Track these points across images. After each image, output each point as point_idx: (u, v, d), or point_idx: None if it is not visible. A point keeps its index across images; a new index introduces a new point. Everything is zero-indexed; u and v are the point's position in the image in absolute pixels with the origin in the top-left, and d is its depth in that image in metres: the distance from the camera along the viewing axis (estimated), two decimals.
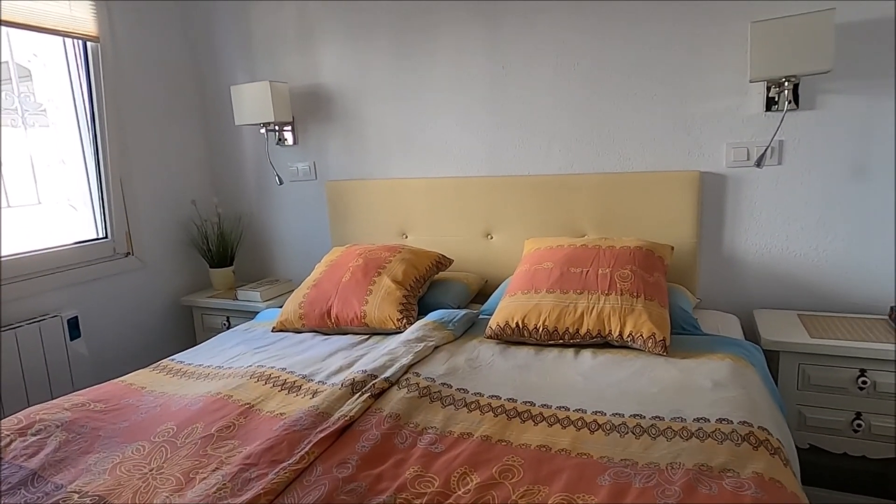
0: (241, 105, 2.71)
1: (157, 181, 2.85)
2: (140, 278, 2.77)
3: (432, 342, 1.84)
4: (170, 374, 1.87)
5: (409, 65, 2.57)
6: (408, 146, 2.67)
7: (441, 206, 2.61)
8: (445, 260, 2.40)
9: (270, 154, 2.92)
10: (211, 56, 3.00)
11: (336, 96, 2.76)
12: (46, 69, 2.57)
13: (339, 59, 2.71)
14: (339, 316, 2.13)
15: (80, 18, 2.39)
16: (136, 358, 2.73)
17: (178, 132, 2.96)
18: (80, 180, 2.62)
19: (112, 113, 2.58)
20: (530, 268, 2.06)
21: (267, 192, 3.04)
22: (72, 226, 2.62)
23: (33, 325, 2.24)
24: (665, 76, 2.18)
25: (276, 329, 2.23)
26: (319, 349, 1.97)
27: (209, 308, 2.85)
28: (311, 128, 2.87)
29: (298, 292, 2.28)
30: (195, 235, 2.97)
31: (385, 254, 2.30)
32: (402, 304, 2.09)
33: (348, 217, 2.81)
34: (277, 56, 2.85)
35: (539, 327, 1.84)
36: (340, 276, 2.24)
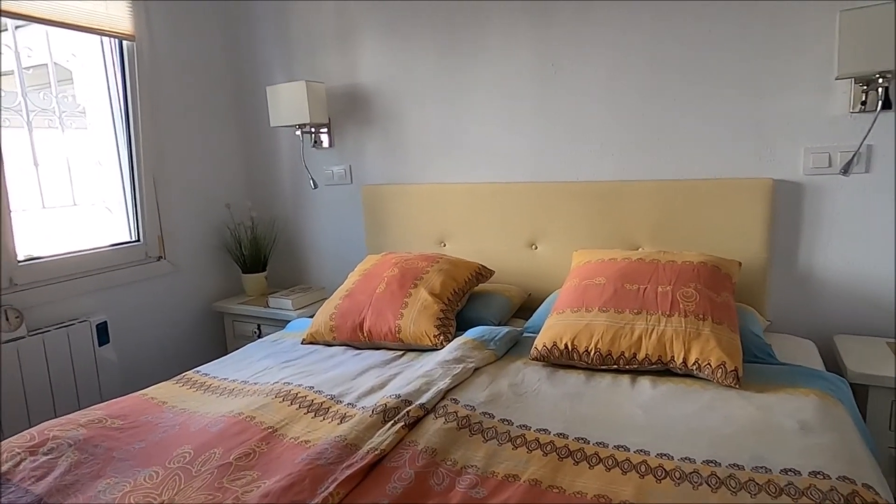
0: (277, 106, 2.62)
1: (191, 183, 2.78)
2: (171, 283, 2.70)
3: (472, 363, 1.67)
4: (193, 388, 1.77)
5: (453, 63, 2.43)
6: (449, 149, 2.52)
7: (482, 212, 2.45)
8: (486, 271, 2.24)
9: (305, 157, 2.82)
10: (248, 55, 2.93)
11: (374, 97, 2.64)
12: (85, 69, 2.54)
13: (378, 57, 2.59)
14: (372, 330, 1.99)
15: (117, 17, 2.34)
16: (165, 365, 2.66)
17: (213, 133, 2.89)
18: (116, 182, 2.57)
19: (147, 113, 2.52)
20: (580, 283, 1.88)
21: (301, 197, 2.95)
22: (106, 228, 2.57)
23: (61, 330, 2.18)
24: (733, 73, 1.97)
25: (305, 341, 2.11)
26: (350, 366, 1.84)
27: (240, 315, 2.77)
28: (348, 130, 2.75)
29: (330, 303, 2.15)
30: (228, 240, 2.90)
31: (422, 263, 2.16)
32: (439, 318, 1.94)
33: (384, 223, 2.68)
34: (315, 55, 2.75)
35: (591, 350, 1.66)
36: (374, 287, 2.10)
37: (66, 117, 2.44)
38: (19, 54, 2.26)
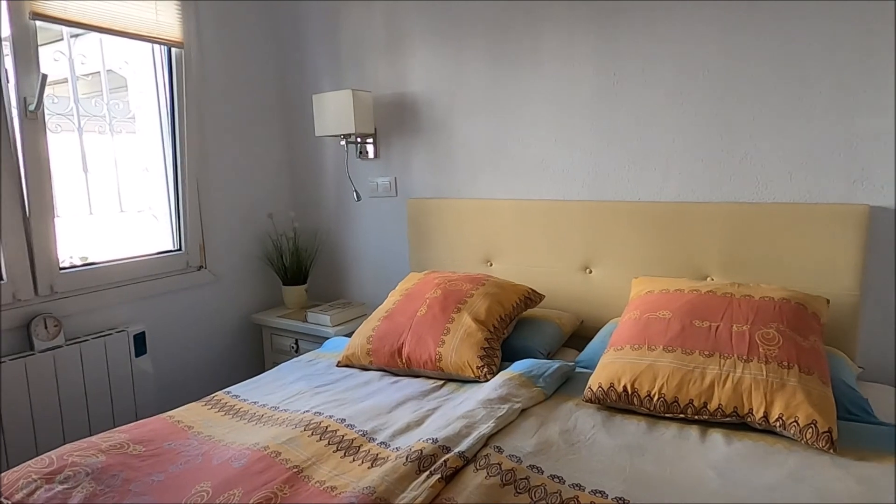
0: (323, 115, 2.54)
1: (234, 192, 2.74)
2: (211, 293, 2.65)
3: (518, 403, 1.51)
4: (221, 412, 1.68)
5: (506, 73, 2.28)
6: (499, 163, 2.37)
7: (533, 232, 2.28)
8: (536, 295, 2.08)
9: (350, 168, 2.73)
10: (296, 63, 2.87)
11: (423, 107, 2.52)
12: (137, 76, 2.54)
13: (428, 66, 2.48)
14: (411, 356, 1.86)
15: (166, 24, 2.32)
16: (200, 378, 2.61)
17: (258, 142, 2.84)
18: (162, 189, 2.55)
19: (193, 120, 2.49)
20: (641, 316, 1.69)
21: (345, 208, 2.86)
22: (151, 236, 2.55)
23: (99, 339, 2.15)
24: (820, 85, 1.75)
25: (341, 364, 2.00)
26: (386, 396, 1.71)
27: (278, 329, 2.69)
28: (394, 140, 2.65)
29: (368, 324, 2.04)
30: (270, 250, 2.84)
31: (467, 286, 2.01)
32: (483, 348, 1.79)
33: (429, 239, 2.55)
34: (363, 63, 2.66)
35: (654, 395, 1.47)
36: (416, 309, 1.97)
37: (116, 122, 2.43)
38: (73, 61, 2.26)
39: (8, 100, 1.93)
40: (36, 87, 1.95)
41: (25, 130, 1.97)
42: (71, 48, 2.25)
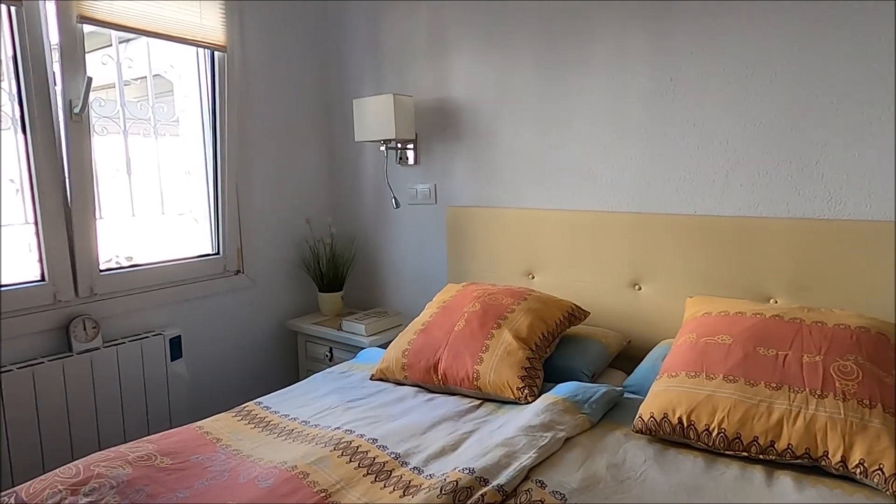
0: (363, 119, 2.49)
1: (273, 197, 2.71)
2: (247, 298, 2.63)
3: (562, 432, 1.40)
4: (251, 424, 1.63)
5: (554, 77, 2.18)
6: (544, 172, 2.27)
7: (578, 244, 2.17)
8: (580, 312, 1.96)
9: (389, 174, 2.67)
10: (337, 66, 2.84)
11: (465, 112, 2.44)
12: (181, 80, 2.55)
13: (472, 70, 2.40)
14: (448, 373, 1.77)
15: (210, 27, 2.31)
16: (234, 384, 2.59)
17: (297, 146, 2.82)
18: (202, 193, 2.55)
19: (234, 124, 2.48)
20: (698, 340, 1.56)
21: (383, 215, 2.80)
22: (191, 239, 2.55)
23: (135, 342, 2.14)
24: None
25: (374, 377, 1.93)
26: (420, 414, 1.62)
27: (313, 336, 2.65)
28: (435, 147, 2.57)
29: (403, 337, 1.96)
30: (307, 256, 2.80)
31: (507, 300, 1.91)
32: (524, 368, 1.69)
33: (468, 249, 2.46)
34: (405, 67, 2.60)
35: (713, 429, 1.34)
36: (453, 323, 1.88)
37: (160, 126, 2.44)
38: (120, 65, 2.28)
39: (55, 102, 1.94)
40: (81, 89, 1.96)
41: (70, 132, 1.98)
42: (119, 53, 2.27)
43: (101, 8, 1.98)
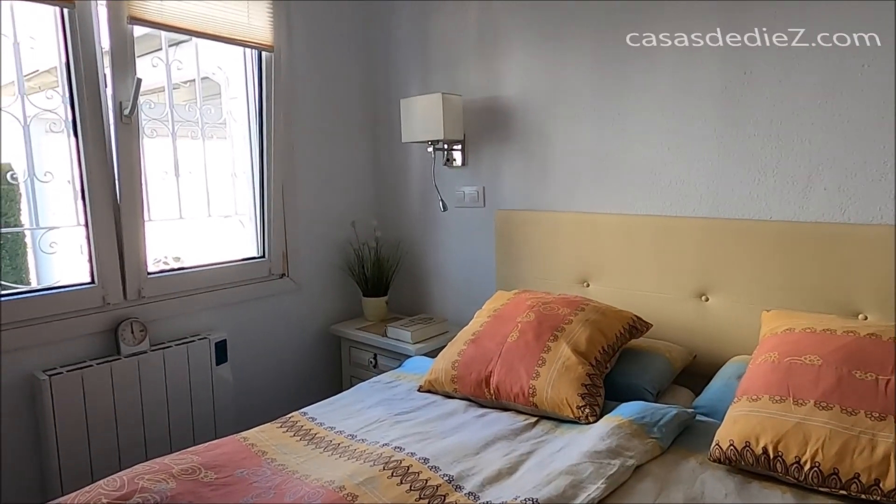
0: (410, 120, 2.42)
1: (318, 199, 2.67)
2: (291, 302, 2.59)
3: (631, 459, 1.28)
4: (297, 437, 1.56)
5: (613, 72, 2.05)
6: (602, 173, 2.14)
7: (639, 251, 2.03)
8: (642, 324, 1.83)
9: (436, 176, 2.58)
10: (384, 66, 2.78)
11: (517, 111, 2.34)
12: (229, 82, 2.53)
13: (524, 68, 2.29)
14: (501, 387, 1.67)
15: (258, 27, 2.28)
16: (278, 389, 2.56)
17: (343, 147, 2.77)
18: (249, 195, 2.53)
19: (280, 126, 2.44)
20: (781, 359, 1.41)
21: (429, 218, 2.72)
22: (237, 242, 2.53)
23: (181, 346, 2.12)
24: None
25: (422, 389, 1.84)
26: (473, 432, 1.53)
27: (357, 342, 2.59)
28: (484, 148, 2.48)
29: (453, 347, 1.87)
30: (351, 259, 2.75)
31: (564, 310, 1.80)
32: (585, 385, 1.57)
33: (518, 254, 2.35)
34: (453, 66, 2.52)
35: (804, 462, 1.20)
36: (506, 334, 1.78)
37: (208, 128, 2.43)
38: (170, 67, 2.27)
39: (105, 105, 1.94)
40: (131, 91, 1.95)
41: (120, 135, 1.97)
42: (168, 56, 2.26)
43: (152, 9, 1.97)
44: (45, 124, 2.00)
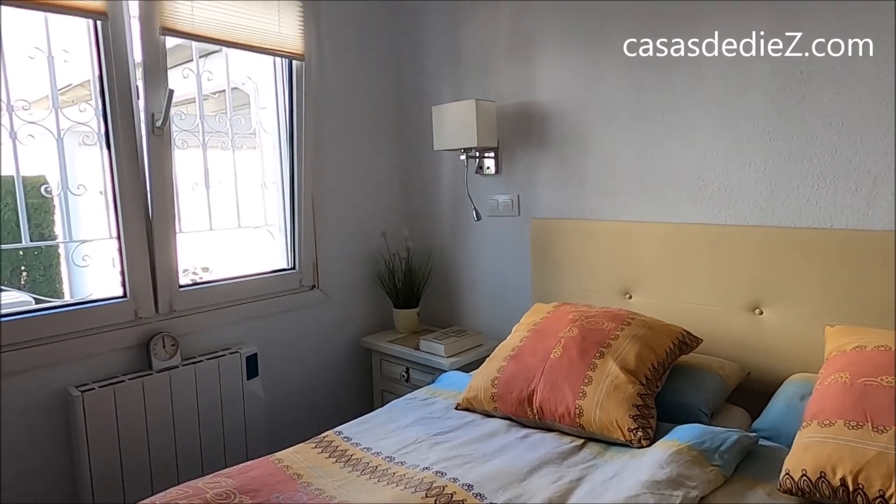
0: (442, 127, 2.36)
1: (349, 209, 2.62)
2: (322, 314, 2.54)
3: (695, 490, 1.19)
4: (332, 458, 1.50)
5: (656, 73, 1.96)
6: (644, 180, 2.05)
7: (685, 261, 1.93)
8: (692, 339, 1.73)
9: (469, 184, 2.51)
10: (415, 72, 2.72)
11: (552, 117, 2.26)
12: (258, 92, 2.51)
13: (560, 71, 2.21)
14: (544, 407, 1.58)
15: (288, 35, 2.25)
16: (309, 403, 2.51)
17: (373, 156, 2.72)
18: (278, 205, 2.49)
19: (310, 135, 2.40)
20: (854, 380, 1.30)
21: (461, 228, 2.65)
22: (267, 253, 2.49)
23: (213, 360, 2.08)
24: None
25: (460, 407, 1.77)
26: (517, 455, 1.45)
27: (389, 355, 2.53)
28: (518, 154, 2.40)
29: (492, 363, 1.79)
30: (382, 270, 2.69)
31: (609, 324, 1.71)
32: (636, 405, 1.48)
33: (556, 265, 2.26)
34: (486, 71, 2.45)
35: (890, 496, 1.09)
36: (548, 350, 1.69)
37: (237, 138, 2.40)
38: (200, 77, 2.25)
39: (137, 117, 1.92)
40: (163, 102, 1.93)
41: (152, 146, 1.95)
42: (199, 66, 2.25)
43: (184, 19, 1.95)
44: (79, 137, 1.99)
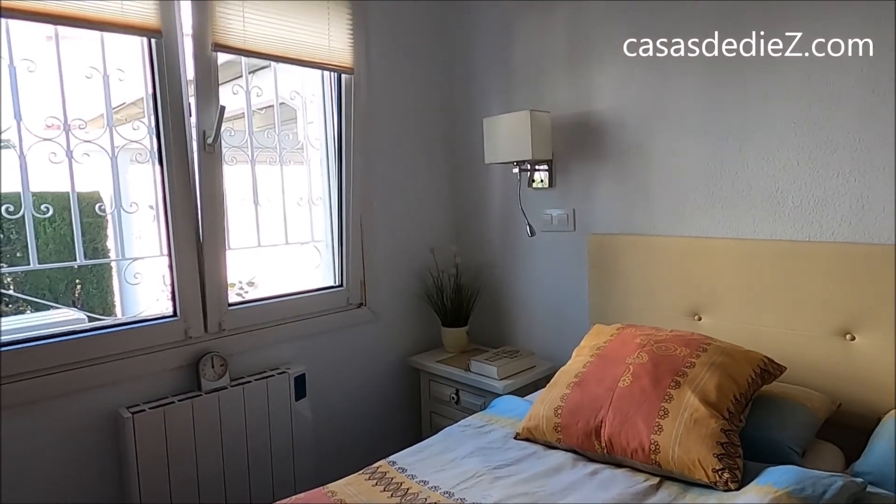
0: (494, 140, 2.27)
1: (396, 224, 2.56)
2: (369, 333, 2.48)
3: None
4: (388, 492, 1.41)
5: (729, 79, 1.83)
6: (715, 193, 1.91)
7: (762, 280, 1.78)
8: (774, 367, 1.57)
9: (522, 198, 2.41)
10: (465, 82, 2.65)
11: (612, 127, 2.15)
12: (306, 107, 2.48)
13: (620, 77, 2.10)
14: (614, 440, 1.46)
15: (337, 49, 2.21)
16: (357, 424, 2.44)
17: (422, 170, 2.66)
18: (325, 221, 2.45)
19: (359, 149, 2.36)
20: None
21: (512, 243, 2.55)
22: (313, 270, 2.45)
23: (261, 381, 2.03)
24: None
25: (520, 437, 1.66)
26: (588, 494, 1.33)
27: (438, 375, 2.43)
28: (573, 167, 2.29)
29: (554, 390, 1.68)
30: (430, 287, 2.61)
31: (682, 350, 1.57)
32: (721, 443, 1.34)
33: (616, 283, 2.14)
34: (539, 80, 2.36)
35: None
36: (616, 377, 1.57)
37: (285, 154, 2.38)
38: (249, 93, 2.23)
39: (189, 134, 1.90)
40: (214, 119, 1.91)
41: (203, 164, 1.93)
42: (248, 82, 2.23)
43: (235, 35, 1.93)
44: (131, 155, 1.99)
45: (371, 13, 2.36)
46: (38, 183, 1.78)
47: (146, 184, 1.95)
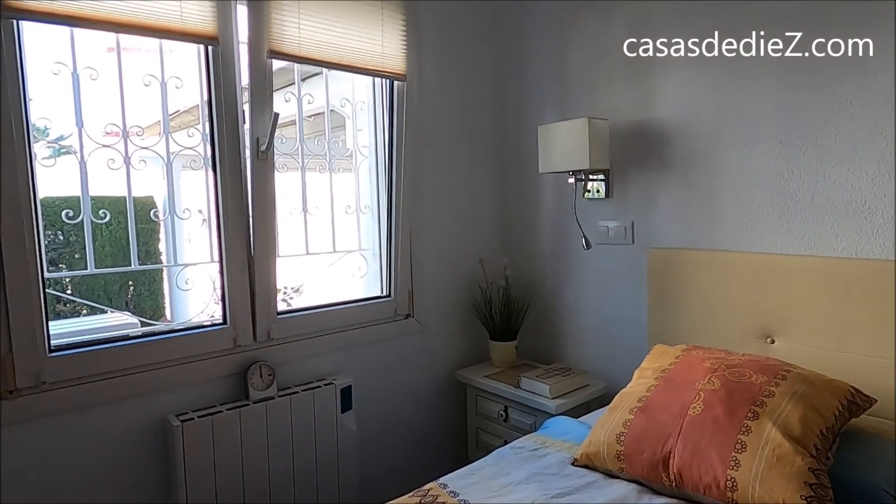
0: (549, 148, 2.19)
1: (445, 234, 2.50)
2: (416, 345, 2.42)
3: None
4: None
5: (807, 83, 1.71)
6: (790, 207, 1.78)
7: (844, 302, 1.64)
8: (863, 399, 1.43)
9: (578, 209, 2.32)
10: (518, 89, 2.58)
11: (675, 135, 2.04)
12: (357, 114, 2.45)
13: (684, 82, 1.99)
14: (684, 473, 1.35)
15: (391, 55, 2.18)
16: (403, 440, 2.39)
17: (472, 179, 2.60)
18: (374, 230, 2.41)
19: (410, 157, 2.31)
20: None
21: (564, 255, 2.45)
22: (361, 279, 2.41)
23: (308, 392, 2.00)
24: None
25: (578, 463, 1.56)
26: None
27: (485, 391, 2.35)
28: (632, 177, 2.19)
29: (616, 414, 1.58)
30: (478, 300, 2.53)
31: (759, 377, 1.45)
32: (809, 483, 1.21)
33: (678, 300, 2.02)
34: (596, 87, 2.27)
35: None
36: (685, 405, 1.46)
37: (335, 161, 2.36)
38: (301, 101, 2.22)
39: (243, 141, 1.89)
40: (268, 126, 1.89)
41: (256, 171, 1.92)
42: (300, 89, 2.22)
43: (290, 42, 1.91)
44: (185, 161, 2.00)
45: (422, 16, 2.32)
46: (96, 188, 1.80)
47: (199, 190, 1.95)
